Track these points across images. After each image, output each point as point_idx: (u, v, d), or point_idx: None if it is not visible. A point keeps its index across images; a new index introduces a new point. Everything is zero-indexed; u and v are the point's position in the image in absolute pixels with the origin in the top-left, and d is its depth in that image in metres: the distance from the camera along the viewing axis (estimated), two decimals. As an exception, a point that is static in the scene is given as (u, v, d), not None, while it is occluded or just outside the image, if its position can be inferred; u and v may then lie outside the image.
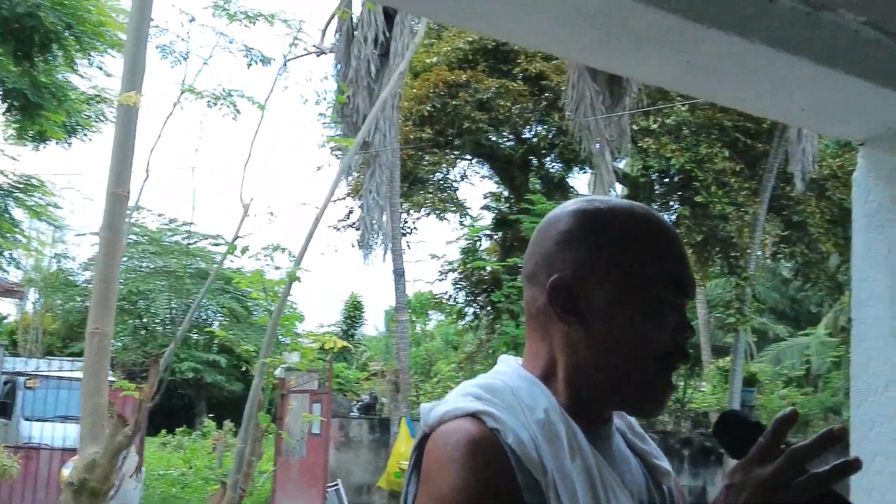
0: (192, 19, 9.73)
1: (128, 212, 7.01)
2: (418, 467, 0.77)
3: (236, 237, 7.11)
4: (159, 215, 15.93)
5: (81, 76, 10.77)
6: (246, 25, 9.26)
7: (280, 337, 9.81)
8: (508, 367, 0.86)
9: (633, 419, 0.92)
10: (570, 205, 0.87)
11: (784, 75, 1.38)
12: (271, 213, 8.63)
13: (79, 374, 7.15)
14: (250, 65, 10.08)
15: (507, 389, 0.79)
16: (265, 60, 9.88)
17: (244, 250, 7.38)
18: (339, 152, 11.32)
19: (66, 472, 3.49)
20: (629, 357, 0.78)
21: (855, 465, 0.64)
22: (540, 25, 1.23)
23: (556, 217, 0.85)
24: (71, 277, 15.70)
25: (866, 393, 1.48)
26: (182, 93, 8.44)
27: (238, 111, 9.89)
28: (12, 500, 9.00)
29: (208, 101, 9.16)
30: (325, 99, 12.19)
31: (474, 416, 0.74)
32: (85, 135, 10.99)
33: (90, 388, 3.85)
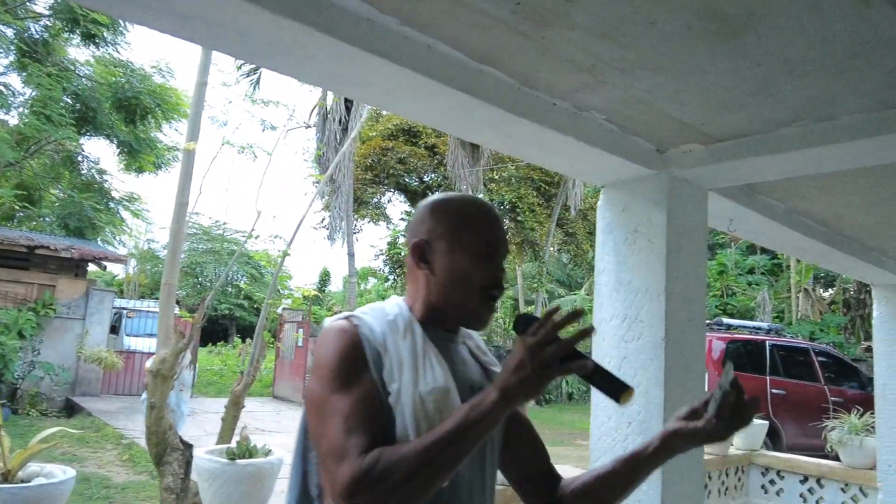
0: (230, 102, 16.70)
1: (188, 215, 13.61)
2: None
3: (252, 229, 10.95)
4: (209, 217, 24.21)
5: (164, 134, 16.48)
6: (262, 106, 16.21)
7: (279, 290, 16.52)
8: (392, 300, 1.19)
9: (479, 340, 1.27)
10: (431, 196, 1.21)
11: (563, 149, 1.97)
12: (274, 217, 15.61)
13: (157, 309, 10.57)
14: (264, 130, 17.10)
15: (379, 307, 1.14)
16: (273, 127, 17.02)
17: (256, 237, 11.25)
18: (317, 183, 18.67)
19: (148, 364, 3.92)
20: (460, 290, 1.11)
21: (589, 330, 0.97)
22: (422, 111, 1.71)
23: (422, 203, 1.20)
24: (156, 253, 24.39)
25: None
26: (222, 144, 15.49)
27: (255, 156, 16.97)
28: (119, 382, 13.05)
29: (238, 150, 16.29)
30: (309, 151, 19.68)
31: (347, 318, 1.09)
32: (166, 169, 16.63)
33: (164, 315, 4.32)
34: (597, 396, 2.33)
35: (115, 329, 15.24)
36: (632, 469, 1.13)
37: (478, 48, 1.56)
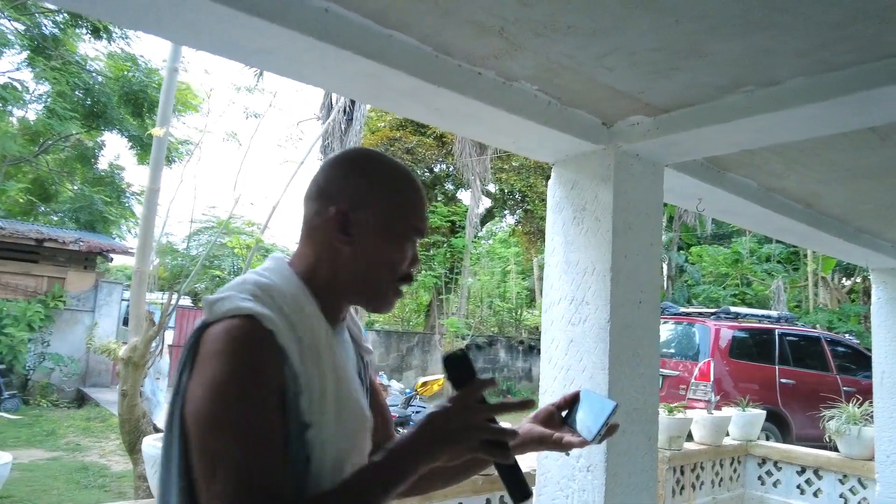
0: (212, 90, 16.89)
1: (207, 213, 13.78)
2: (195, 353, 0.86)
3: (230, 215, 8.83)
4: (224, 210, 23.92)
5: (173, 127, 17.15)
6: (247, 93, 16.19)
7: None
8: (276, 265, 1.00)
9: (351, 312, 1.12)
10: (350, 150, 1.07)
11: (500, 124, 1.88)
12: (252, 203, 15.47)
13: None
14: (248, 117, 17.11)
15: (278, 290, 0.92)
16: (256, 115, 17.00)
17: (226, 224, 10.53)
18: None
19: (120, 352, 3.91)
20: (377, 272, 1.00)
21: (529, 403, 0.92)
22: (333, 81, 1.59)
23: (340, 154, 1.04)
24: (174, 246, 24.02)
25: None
26: (202, 133, 15.56)
27: (240, 143, 16.97)
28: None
29: (224, 137, 16.34)
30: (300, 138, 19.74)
31: (248, 317, 0.85)
32: (179, 161, 16.40)
33: (135, 303, 4.32)
34: (544, 380, 2.25)
35: (127, 321, 15.84)
36: (472, 463, 1.11)
37: (378, 10, 1.47)
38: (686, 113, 1.98)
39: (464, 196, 19.98)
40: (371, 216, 0.98)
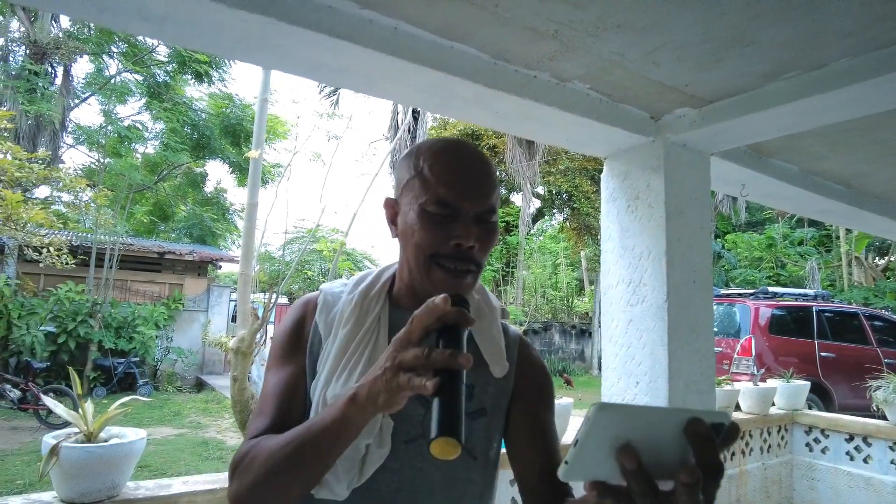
0: (299, 117, 17.29)
1: (295, 223, 14.14)
2: None
3: (318, 223, 10.55)
4: (312, 222, 24.80)
5: (266, 153, 17.75)
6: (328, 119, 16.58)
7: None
8: (390, 262, 0.97)
9: (493, 309, 0.94)
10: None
11: (555, 123, 1.80)
12: (335, 213, 15.69)
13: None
14: (329, 140, 17.38)
15: (365, 276, 0.94)
16: (337, 137, 17.29)
17: (314, 231, 11.89)
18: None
19: (230, 342, 3.92)
20: (412, 256, 0.84)
21: (469, 320, 0.63)
22: (405, 93, 1.55)
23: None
24: (271, 255, 24.98)
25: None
26: (293, 154, 15.90)
27: (324, 162, 17.27)
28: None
29: (310, 158, 16.65)
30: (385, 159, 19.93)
31: (320, 290, 0.94)
32: (272, 183, 17.01)
33: (241, 301, 4.34)
34: (605, 358, 2.15)
35: (235, 318, 16.48)
36: None
37: (441, 25, 1.42)
38: (730, 102, 1.85)
39: (516, 198, 19.47)
40: (404, 200, 0.87)
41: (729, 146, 2.14)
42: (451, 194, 0.81)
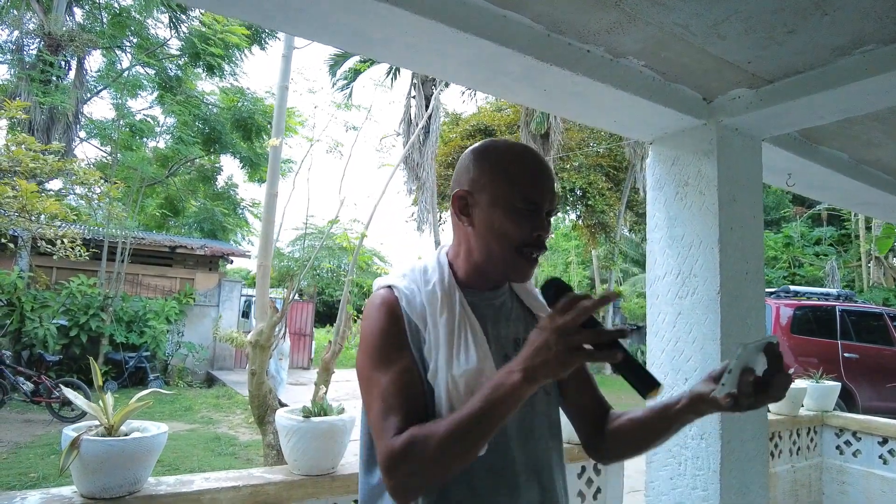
0: (316, 106, 17.23)
1: (307, 217, 14.37)
2: None
3: (336, 216, 12.01)
4: (322, 218, 24.62)
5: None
6: (345, 110, 16.55)
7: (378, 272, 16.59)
8: (436, 252, 1.08)
9: (530, 283, 1.07)
10: (476, 144, 1.04)
11: (604, 101, 1.70)
12: (355, 205, 15.64)
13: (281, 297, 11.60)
14: (347, 130, 17.35)
15: (420, 268, 1.03)
16: (355, 128, 17.30)
17: (335, 222, 12.48)
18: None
19: (248, 336, 3.97)
20: (496, 245, 0.97)
21: (611, 297, 0.81)
22: (450, 67, 1.47)
23: (467, 150, 1.04)
24: (281, 251, 24.74)
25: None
26: (311, 143, 15.78)
27: (341, 154, 17.21)
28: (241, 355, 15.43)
29: (327, 149, 16.58)
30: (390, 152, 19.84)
31: (389, 287, 0.98)
32: (284, 177, 17.51)
33: (260, 293, 4.44)
34: (651, 353, 2.04)
35: (245, 314, 16.30)
36: (660, 420, 0.97)
37: (496, -10, 1.32)
38: (792, 82, 1.74)
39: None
40: (485, 195, 0.97)
41: (782, 131, 2.03)
42: (536, 193, 0.96)
